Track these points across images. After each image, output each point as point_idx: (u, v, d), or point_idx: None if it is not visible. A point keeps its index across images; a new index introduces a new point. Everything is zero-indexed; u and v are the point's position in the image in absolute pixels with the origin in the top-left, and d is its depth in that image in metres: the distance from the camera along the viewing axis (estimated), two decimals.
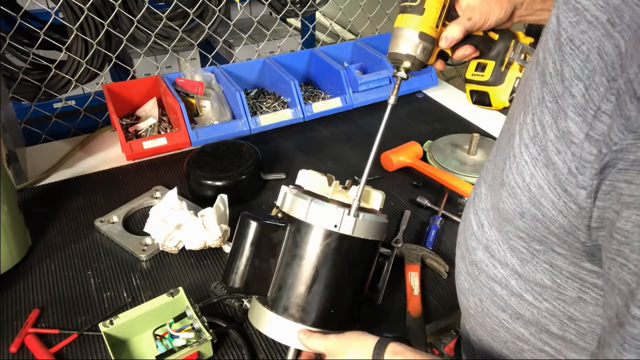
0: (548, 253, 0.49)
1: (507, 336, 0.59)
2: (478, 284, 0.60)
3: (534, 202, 0.46)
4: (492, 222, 0.56)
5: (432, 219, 1.05)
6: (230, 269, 0.71)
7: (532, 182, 0.46)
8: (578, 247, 0.45)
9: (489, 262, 0.57)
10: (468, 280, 0.63)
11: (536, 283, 0.52)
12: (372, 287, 0.79)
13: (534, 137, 0.45)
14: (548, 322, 0.54)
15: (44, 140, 1.40)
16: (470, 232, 0.60)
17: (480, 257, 0.59)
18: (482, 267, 0.59)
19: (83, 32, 1.30)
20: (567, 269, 0.49)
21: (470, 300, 0.63)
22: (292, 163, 1.25)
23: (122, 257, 0.97)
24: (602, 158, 0.38)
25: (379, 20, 1.90)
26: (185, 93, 1.34)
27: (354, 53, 1.61)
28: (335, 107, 1.42)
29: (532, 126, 0.46)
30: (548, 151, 0.43)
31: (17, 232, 0.94)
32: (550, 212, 0.45)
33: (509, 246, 0.54)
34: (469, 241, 0.61)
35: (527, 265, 0.52)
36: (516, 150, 0.48)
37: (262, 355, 0.79)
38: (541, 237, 0.48)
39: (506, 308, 0.57)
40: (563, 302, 0.52)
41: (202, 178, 1.08)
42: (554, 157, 0.43)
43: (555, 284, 0.51)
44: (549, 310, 0.53)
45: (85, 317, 0.85)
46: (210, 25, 1.50)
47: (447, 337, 1.30)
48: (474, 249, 0.60)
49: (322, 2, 1.72)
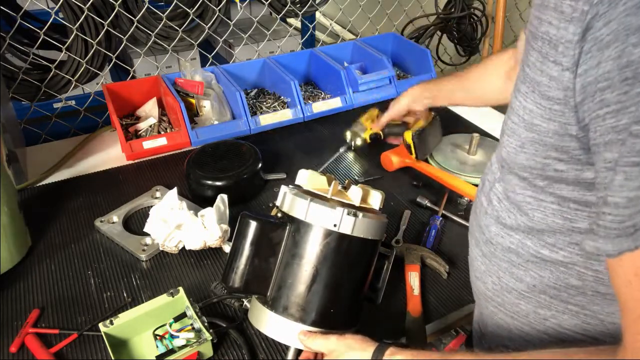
0: (553, 186, 0.54)
1: (529, 307, 0.62)
2: (495, 260, 0.64)
3: (528, 127, 0.53)
4: (500, 195, 0.62)
5: (432, 219, 1.05)
6: (230, 268, 0.71)
7: (524, 113, 0.53)
8: (575, 148, 0.50)
9: (503, 232, 0.62)
10: (484, 262, 0.66)
11: (549, 231, 0.57)
12: (372, 287, 0.79)
13: (524, 79, 0.52)
14: (566, 275, 0.57)
15: (44, 140, 1.40)
16: (482, 211, 0.66)
17: (494, 232, 0.63)
18: (497, 241, 0.63)
19: (83, 32, 1.30)
20: (573, 198, 0.53)
21: (488, 281, 0.67)
22: (292, 163, 1.25)
23: (122, 257, 0.97)
24: (584, 18, 0.43)
25: (379, 20, 1.90)
26: (185, 93, 1.34)
27: (354, 53, 1.61)
28: (335, 107, 1.42)
29: (522, 73, 0.53)
30: (535, 77, 0.50)
31: (17, 232, 0.94)
32: (541, 126, 0.51)
33: (517, 205, 0.59)
34: (481, 221, 0.66)
35: (536, 215, 0.57)
36: (512, 100, 0.56)
37: (262, 355, 0.79)
38: (542, 163, 0.53)
39: (524, 276, 0.61)
40: (577, 245, 0.55)
41: (202, 178, 1.08)
42: (538, 78, 0.50)
43: (567, 221, 0.55)
44: (565, 258, 0.57)
45: (85, 317, 0.85)
46: (210, 25, 1.50)
47: (447, 337, 1.31)
48: (487, 225, 0.65)
49: (322, 2, 1.72)
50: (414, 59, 1.60)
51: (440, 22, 1.98)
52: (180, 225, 0.94)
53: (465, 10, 1.93)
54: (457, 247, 1.01)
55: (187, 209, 0.96)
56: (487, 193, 0.66)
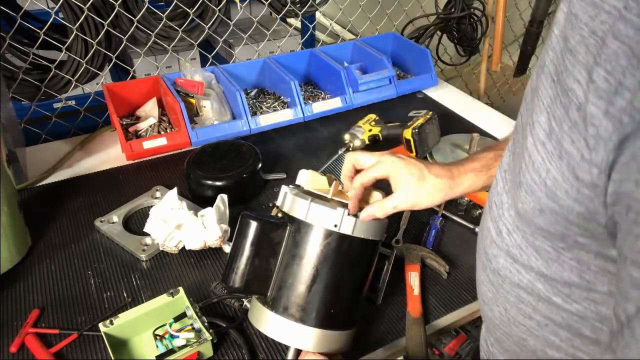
0: (573, 250, 0.49)
1: (537, 345, 0.58)
2: (502, 292, 0.59)
3: (550, 196, 0.46)
4: (511, 227, 0.55)
5: (432, 219, 1.05)
6: (230, 268, 0.71)
7: (547, 176, 0.46)
8: (601, 232, 0.45)
9: (512, 267, 0.56)
10: (491, 290, 0.61)
11: (564, 283, 0.52)
12: (372, 287, 0.79)
13: (549, 134, 0.45)
14: (580, 325, 0.53)
15: (44, 140, 1.40)
16: (490, 240, 0.59)
17: (502, 264, 0.58)
18: (505, 274, 0.58)
19: (83, 32, 1.30)
20: (594, 263, 0.49)
21: (495, 310, 0.62)
22: (292, 163, 1.25)
23: (122, 257, 0.97)
24: (623, 130, 0.38)
25: (379, 20, 1.90)
26: (185, 93, 1.34)
27: (354, 53, 1.61)
28: (335, 107, 1.42)
29: (547, 124, 0.46)
30: (563, 143, 0.43)
31: (17, 232, 0.94)
32: (566, 202, 0.45)
33: (534, 248, 0.53)
34: (488, 250, 0.60)
35: (553, 265, 0.52)
36: (530, 149, 0.48)
37: (262, 355, 0.79)
38: (563, 232, 0.48)
39: (534, 314, 0.56)
40: (593, 302, 0.50)
41: (202, 178, 1.08)
42: (568, 147, 0.43)
43: (585, 281, 0.50)
44: (579, 311, 0.52)
45: (85, 317, 0.85)
46: (210, 25, 1.50)
47: (447, 337, 1.31)
48: (495, 256, 0.59)
49: (322, 2, 1.72)
50: (414, 59, 1.61)
51: (440, 22, 1.98)
52: (180, 225, 0.94)
53: (465, 10, 1.93)
54: (457, 247, 1.01)
55: (187, 209, 0.96)
56: (496, 220, 0.58)
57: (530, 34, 1.86)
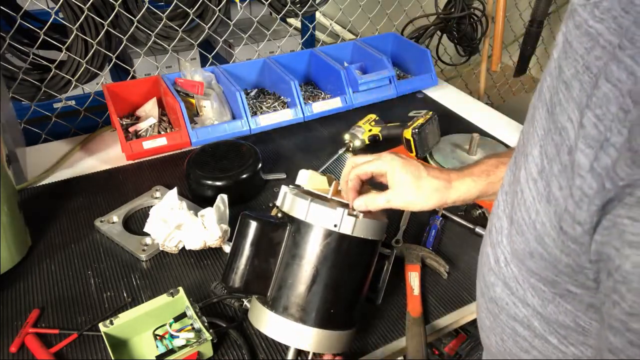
0: (565, 297, 0.46)
1: None
2: (499, 322, 0.57)
3: (539, 241, 0.44)
4: (509, 257, 0.52)
5: (432, 219, 1.05)
6: (230, 268, 0.71)
7: (537, 219, 0.43)
8: (591, 285, 0.42)
9: (508, 299, 0.53)
10: (489, 317, 0.59)
11: (559, 325, 0.49)
12: (372, 287, 0.79)
13: (541, 171, 0.43)
14: None
15: (44, 140, 1.40)
16: (488, 267, 0.57)
17: (499, 294, 0.55)
18: (502, 305, 0.55)
19: (83, 32, 1.30)
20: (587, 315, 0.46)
21: (492, 339, 0.60)
22: (292, 163, 1.25)
23: (122, 257, 0.97)
24: (605, 194, 0.36)
25: (379, 20, 1.90)
26: (185, 93, 1.34)
27: (354, 53, 1.61)
28: (335, 107, 1.42)
29: (539, 159, 0.43)
30: (552, 186, 0.41)
31: (17, 232, 0.94)
32: (553, 251, 0.42)
33: (530, 284, 0.50)
34: (487, 276, 0.57)
35: (549, 306, 0.49)
36: (523, 184, 0.46)
37: (262, 355, 0.79)
38: (553, 279, 0.45)
39: (530, 350, 0.54)
40: (590, 347, 0.48)
41: (202, 178, 1.08)
42: (556, 192, 0.40)
43: (580, 327, 0.47)
44: (576, 355, 0.49)
45: (85, 317, 0.85)
46: (210, 25, 1.50)
47: (447, 337, 1.31)
48: (493, 284, 0.56)
49: (322, 2, 1.72)
50: (414, 59, 1.60)
51: (440, 22, 1.98)
52: (180, 225, 0.94)
53: (465, 10, 1.93)
54: (457, 247, 1.01)
55: (187, 209, 0.96)
56: (494, 246, 0.54)
57: (530, 34, 1.86)
